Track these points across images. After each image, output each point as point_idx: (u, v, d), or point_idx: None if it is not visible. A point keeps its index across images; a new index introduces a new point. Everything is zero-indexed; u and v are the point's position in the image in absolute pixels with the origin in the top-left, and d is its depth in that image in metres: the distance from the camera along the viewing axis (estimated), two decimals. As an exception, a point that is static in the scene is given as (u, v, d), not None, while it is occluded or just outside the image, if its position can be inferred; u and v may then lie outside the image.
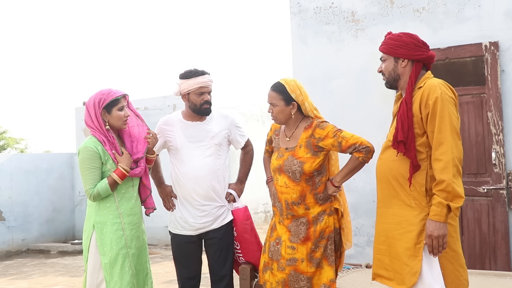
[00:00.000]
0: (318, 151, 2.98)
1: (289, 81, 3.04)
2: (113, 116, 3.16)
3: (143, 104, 9.45)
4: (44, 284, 6.67)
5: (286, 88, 3.01)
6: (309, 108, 3.04)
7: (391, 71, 2.64)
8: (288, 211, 3.03)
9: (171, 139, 3.41)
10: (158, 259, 8.00)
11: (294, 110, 3.02)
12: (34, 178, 9.76)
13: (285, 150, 3.06)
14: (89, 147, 3.09)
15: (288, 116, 3.04)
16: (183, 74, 3.38)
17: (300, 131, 3.04)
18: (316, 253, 2.97)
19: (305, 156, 2.97)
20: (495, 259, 4.18)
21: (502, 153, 4.16)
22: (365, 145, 2.90)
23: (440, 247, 2.42)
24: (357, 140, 2.91)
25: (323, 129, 2.98)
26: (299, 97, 3.01)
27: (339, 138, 2.92)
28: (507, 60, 4.22)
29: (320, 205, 3.01)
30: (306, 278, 2.96)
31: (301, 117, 3.07)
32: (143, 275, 3.25)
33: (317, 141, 2.97)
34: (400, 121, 2.53)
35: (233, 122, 3.53)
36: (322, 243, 2.98)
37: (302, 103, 3.02)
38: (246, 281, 3.42)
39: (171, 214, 3.50)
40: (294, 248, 2.99)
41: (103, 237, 3.10)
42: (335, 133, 2.94)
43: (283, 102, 3.02)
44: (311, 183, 2.99)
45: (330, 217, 3.01)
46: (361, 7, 4.86)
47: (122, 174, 3.12)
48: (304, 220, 3.00)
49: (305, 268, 2.96)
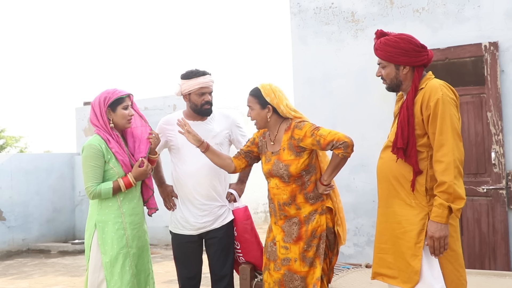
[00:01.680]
0: (301, 152, 2.99)
1: (265, 85, 3.09)
2: (118, 114, 3.19)
3: (143, 104, 9.47)
4: (44, 284, 6.68)
5: (261, 92, 3.06)
6: (286, 110, 3.06)
7: (393, 78, 2.62)
8: (281, 212, 3.06)
9: (172, 139, 3.43)
10: (159, 259, 8.01)
11: (269, 113, 3.06)
12: (34, 178, 9.77)
13: (271, 154, 3.09)
14: (94, 144, 3.12)
15: (265, 119, 3.08)
16: (185, 75, 3.40)
17: (282, 134, 3.07)
18: (308, 253, 2.99)
19: (289, 159, 2.99)
20: (495, 259, 4.18)
21: (501, 153, 4.17)
22: (342, 140, 2.89)
23: (441, 248, 2.43)
24: (334, 137, 2.90)
25: (300, 129, 2.99)
26: (273, 100, 3.04)
27: (316, 136, 2.93)
28: (507, 60, 4.22)
29: (311, 205, 3.03)
30: (300, 278, 2.97)
31: (281, 119, 3.09)
32: (144, 275, 3.25)
33: (297, 142, 2.98)
34: (400, 127, 2.53)
35: (234, 122, 3.54)
36: (314, 242, 2.99)
37: (277, 106, 3.04)
38: (246, 281, 3.43)
39: (171, 214, 3.51)
40: (287, 248, 3.02)
41: (104, 236, 3.12)
42: (312, 132, 2.95)
43: (258, 106, 3.07)
44: (300, 183, 3.01)
45: (322, 216, 3.02)
46: (361, 7, 4.86)
47: (129, 184, 3.16)
48: (296, 220, 3.02)
49: (299, 267, 2.98)
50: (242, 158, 3.25)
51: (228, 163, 3.24)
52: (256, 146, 3.23)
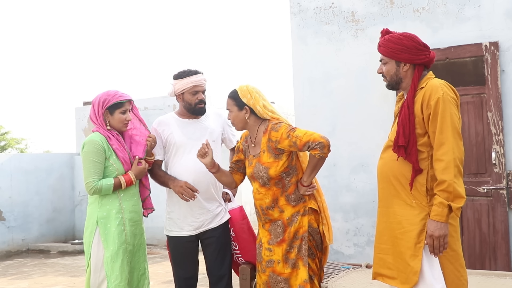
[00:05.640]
0: (280, 154, 2.99)
1: (242, 87, 3.11)
2: (115, 118, 3.23)
3: (143, 104, 9.46)
4: (44, 284, 6.67)
5: (238, 94, 3.08)
6: (263, 111, 3.06)
7: (393, 75, 2.63)
8: (265, 216, 3.07)
9: (169, 138, 3.41)
10: (158, 259, 8.00)
11: (247, 114, 3.07)
12: (34, 178, 9.76)
13: (253, 157, 3.10)
14: (95, 140, 3.14)
15: (243, 120, 3.08)
16: (177, 75, 3.41)
17: (261, 136, 3.07)
18: (291, 254, 2.99)
19: (268, 161, 2.99)
20: (495, 259, 4.18)
21: (502, 153, 4.16)
22: (318, 141, 2.87)
23: (441, 247, 2.42)
24: (310, 138, 2.89)
25: (277, 131, 2.98)
26: (250, 101, 3.05)
27: (293, 138, 2.92)
28: (507, 60, 4.21)
29: (293, 207, 3.02)
30: (283, 280, 2.98)
31: (259, 121, 3.09)
32: (138, 273, 3.27)
33: (275, 144, 2.98)
34: (402, 125, 2.53)
35: (226, 121, 3.57)
36: (296, 243, 2.99)
37: (254, 106, 3.05)
38: (246, 281, 3.42)
39: (167, 218, 3.47)
40: (271, 250, 3.03)
41: (107, 232, 3.14)
42: (288, 134, 2.93)
43: (236, 108, 3.09)
44: (281, 186, 3.01)
45: (304, 217, 3.02)
46: (361, 7, 4.86)
47: (130, 181, 3.20)
48: (280, 223, 3.04)
49: (282, 269, 2.99)
50: (236, 172, 3.29)
51: (232, 180, 3.29)
52: (242, 153, 3.24)
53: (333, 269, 3.92)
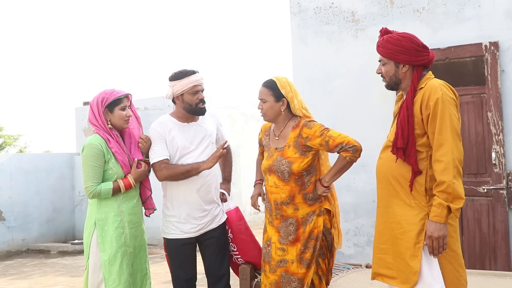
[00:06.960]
0: (307, 151, 2.97)
1: (280, 78, 3.07)
2: (115, 115, 3.21)
3: (143, 104, 9.46)
4: (44, 284, 6.67)
5: (277, 84, 3.03)
6: (298, 106, 3.05)
7: (392, 76, 2.62)
8: (277, 211, 3.04)
9: (171, 142, 3.31)
10: (158, 259, 8.00)
11: (283, 107, 3.03)
12: (34, 178, 9.76)
13: (274, 150, 3.07)
14: (94, 144, 3.12)
15: (278, 112, 3.05)
16: (174, 76, 3.32)
17: (289, 131, 3.05)
18: (306, 254, 2.97)
19: (293, 156, 2.97)
20: (495, 259, 4.18)
21: (502, 153, 4.16)
22: (352, 144, 2.88)
23: (440, 248, 2.42)
24: (344, 139, 2.89)
25: (310, 128, 2.97)
26: (288, 93, 3.02)
27: (326, 137, 2.91)
28: (507, 60, 4.21)
29: (309, 206, 3.01)
30: (297, 279, 2.96)
31: (290, 116, 3.08)
32: (141, 275, 3.25)
33: (305, 140, 2.96)
34: (400, 126, 2.52)
35: (219, 121, 3.56)
36: (311, 243, 2.98)
37: (292, 100, 3.02)
38: (246, 281, 3.42)
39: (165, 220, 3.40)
40: (284, 250, 3.00)
41: (104, 234, 3.12)
42: (322, 132, 2.93)
43: (273, 98, 3.03)
44: (300, 183, 2.99)
45: (319, 217, 3.01)
46: (361, 7, 4.86)
47: (129, 185, 3.18)
48: (293, 220, 3.01)
49: (296, 269, 2.97)
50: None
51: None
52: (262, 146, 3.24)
53: (333, 269, 3.92)
